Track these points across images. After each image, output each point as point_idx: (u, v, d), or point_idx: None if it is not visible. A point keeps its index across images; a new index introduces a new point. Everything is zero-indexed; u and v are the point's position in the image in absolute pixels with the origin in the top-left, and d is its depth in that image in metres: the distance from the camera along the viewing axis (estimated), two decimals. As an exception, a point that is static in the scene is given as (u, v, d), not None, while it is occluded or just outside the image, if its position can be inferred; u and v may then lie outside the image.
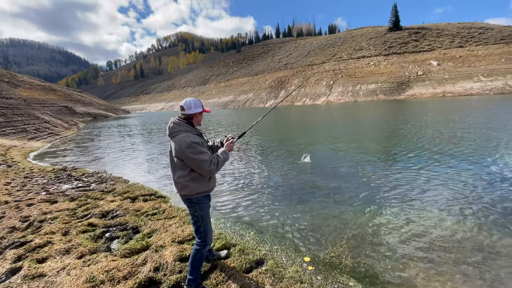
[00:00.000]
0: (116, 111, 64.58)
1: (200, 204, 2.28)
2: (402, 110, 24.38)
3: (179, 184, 2.20)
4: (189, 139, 2.08)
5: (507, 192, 4.44)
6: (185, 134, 2.14)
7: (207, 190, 2.30)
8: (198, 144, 2.10)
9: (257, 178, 6.15)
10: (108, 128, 25.93)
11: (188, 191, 2.21)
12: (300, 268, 2.70)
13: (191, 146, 2.06)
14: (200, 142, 2.16)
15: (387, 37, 72.40)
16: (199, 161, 2.07)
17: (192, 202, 2.27)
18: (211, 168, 2.10)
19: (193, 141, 2.08)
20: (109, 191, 5.61)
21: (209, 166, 2.09)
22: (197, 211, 2.29)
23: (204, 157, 2.08)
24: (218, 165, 2.16)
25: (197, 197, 2.25)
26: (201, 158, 2.07)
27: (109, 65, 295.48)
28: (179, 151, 2.09)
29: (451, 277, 2.54)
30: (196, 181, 2.20)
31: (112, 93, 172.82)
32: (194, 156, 2.06)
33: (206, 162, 2.08)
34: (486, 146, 7.70)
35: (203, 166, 2.08)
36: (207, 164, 2.09)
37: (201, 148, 2.11)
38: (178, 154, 2.11)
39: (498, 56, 49.93)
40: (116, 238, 3.50)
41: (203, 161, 2.07)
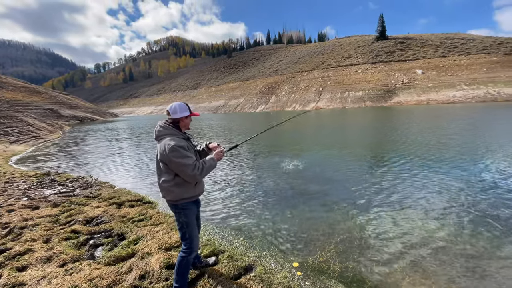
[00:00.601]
0: (103, 115, 63.16)
1: (185, 210, 2.24)
2: (389, 117, 25.04)
3: (164, 189, 2.17)
4: (173, 142, 2.05)
5: (489, 197, 4.60)
6: (170, 138, 2.12)
7: (192, 196, 2.25)
8: (182, 148, 2.06)
9: (247, 183, 6.14)
10: (95, 131, 25.30)
11: (172, 196, 2.17)
12: (289, 274, 2.69)
13: (175, 150, 2.02)
14: (186, 146, 2.14)
15: (374, 46, 74.57)
16: (182, 165, 2.03)
17: (177, 208, 2.23)
18: (194, 173, 2.06)
19: (177, 145, 2.04)
20: (94, 196, 5.46)
21: (192, 171, 2.05)
22: (182, 217, 2.25)
23: (187, 161, 2.04)
24: (202, 171, 2.11)
25: (182, 202, 2.21)
26: (184, 162, 2.03)
27: (97, 68, 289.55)
28: (163, 154, 2.06)
29: (436, 281, 2.59)
30: (180, 186, 2.16)
31: (100, 96, 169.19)
32: (177, 159, 2.02)
33: (189, 166, 2.04)
34: (471, 152, 7.99)
35: (185, 171, 2.04)
36: (190, 168, 2.04)
37: (186, 152, 2.08)
38: (162, 158, 2.09)
39: (480, 65, 52.31)
40: (100, 246, 3.40)
41: (186, 165, 2.03)
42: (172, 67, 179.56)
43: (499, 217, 3.83)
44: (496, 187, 5.04)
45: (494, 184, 5.23)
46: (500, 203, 4.34)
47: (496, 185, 5.14)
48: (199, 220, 2.58)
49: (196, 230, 2.37)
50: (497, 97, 41.25)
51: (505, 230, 3.47)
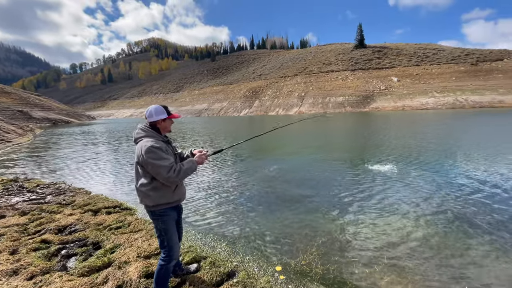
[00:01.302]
0: (79, 117, 60.31)
1: (163, 217, 2.16)
2: (369, 122, 26.00)
3: (141, 193, 2.10)
4: (149, 144, 1.99)
5: (462, 198, 4.89)
6: (147, 139, 2.06)
7: (171, 201, 2.18)
8: (159, 149, 2.00)
9: (230, 188, 6.09)
10: (70, 135, 24.07)
11: (149, 201, 2.10)
12: (272, 278, 2.69)
13: (151, 151, 1.96)
14: (164, 148, 2.07)
15: (353, 54, 77.47)
16: (157, 167, 1.96)
17: (155, 215, 2.16)
18: (169, 175, 1.98)
19: (153, 146, 1.99)
20: (68, 203, 5.17)
21: (168, 173, 1.97)
22: (160, 224, 2.17)
23: (163, 162, 1.98)
24: (179, 173, 2.03)
25: (159, 209, 2.13)
26: (159, 164, 1.96)
27: (73, 68, 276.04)
28: (139, 156, 2.00)
29: (411, 279, 2.70)
30: (158, 191, 2.08)
31: (75, 97, 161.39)
32: (152, 161, 1.95)
33: (165, 168, 1.97)
34: (446, 156, 8.46)
35: (161, 173, 1.97)
36: (165, 170, 1.97)
37: (162, 153, 2.01)
38: (138, 160, 2.03)
39: (449, 74, 55.93)
40: (73, 256, 3.21)
41: (162, 166, 1.96)
42: (154, 69, 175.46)
43: (470, 218, 4.08)
44: (469, 189, 5.36)
45: (467, 186, 5.56)
46: (471, 204, 4.61)
47: (469, 187, 5.47)
48: (180, 226, 2.51)
49: (176, 237, 2.28)
50: (465, 104, 44.24)
51: (476, 230, 3.69)
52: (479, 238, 3.46)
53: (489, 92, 45.93)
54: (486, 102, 43.17)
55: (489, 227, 3.75)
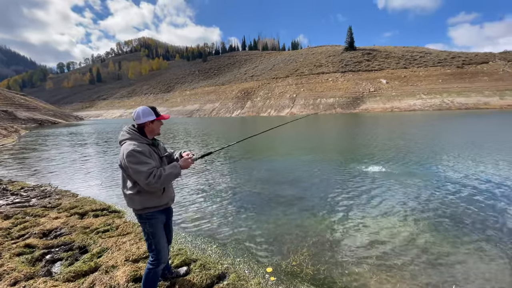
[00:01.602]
0: (67, 118, 58.82)
1: (150, 220, 2.11)
2: (359, 123, 26.41)
3: (126, 197, 2.06)
4: (131, 147, 1.93)
5: (449, 198, 5.02)
6: (130, 142, 2.00)
7: (157, 205, 2.12)
8: (141, 153, 1.93)
9: (221, 189, 6.06)
10: (57, 136, 23.43)
11: (135, 205, 2.05)
12: (263, 280, 2.68)
13: (131, 155, 1.90)
14: (148, 151, 2.00)
15: (343, 56, 78.62)
16: (136, 172, 1.90)
17: (142, 218, 2.11)
18: (149, 181, 1.89)
19: (135, 150, 1.92)
20: (53, 206, 5.02)
21: (146, 178, 1.89)
22: (147, 227, 2.12)
23: (142, 167, 1.89)
24: (160, 178, 1.93)
25: (146, 212, 2.08)
26: (138, 169, 1.89)
27: (61, 67, 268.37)
28: (121, 159, 1.96)
29: (400, 278, 2.74)
30: (143, 195, 2.03)
31: (63, 97, 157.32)
32: (132, 165, 1.89)
33: (143, 173, 1.89)
34: (435, 157, 8.67)
35: (140, 178, 1.91)
36: (144, 175, 1.89)
37: (144, 157, 1.93)
38: (121, 163, 1.98)
39: (436, 77, 57.51)
40: (58, 260, 3.11)
41: (140, 172, 1.89)
42: (144, 69, 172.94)
43: (457, 217, 4.19)
44: (456, 189, 5.51)
45: (454, 185, 5.72)
46: (458, 203, 4.74)
47: (456, 187, 5.62)
48: (170, 229, 2.47)
49: (164, 240, 2.24)
50: (451, 105, 45.56)
51: (463, 229, 3.79)
52: (466, 237, 3.55)
53: (475, 94, 47.49)
54: (472, 104, 44.61)
55: (476, 226, 3.86)
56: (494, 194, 5.12)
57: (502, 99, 44.38)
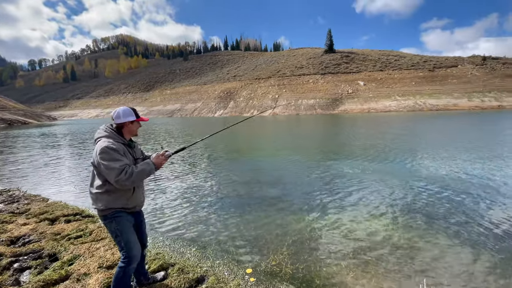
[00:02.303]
0: (38, 118, 55.39)
1: (116, 218, 2.04)
2: (339, 123, 27.15)
3: (93, 196, 1.99)
4: (105, 144, 1.89)
5: (424, 195, 5.28)
6: (105, 139, 1.96)
7: (124, 206, 2.07)
8: (114, 151, 1.89)
9: (201, 191, 5.97)
10: (27, 137, 21.97)
11: (101, 204, 1.97)
12: (242, 281, 2.67)
13: (105, 151, 1.86)
14: (121, 150, 1.97)
15: (323, 58, 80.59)
16: (108, 168, 1.85)
17: (107, 218, 2.03)
18: (119, 178, 1.85)
19: (109, 147, 1.88)
20: (22, 212, 4.72)
21: (117, 175, 1.84)
22: (114, 225, 2.04)
23: (114, 164, 1.86)
24: (131, 176, 1.89)
25: (111, 212, 2.01)
26: (110, 165, 1.85)
27: (32, 65, 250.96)
28: (94, 156, 1.91)
29: (375, 273, 2.85)
30: (111, 194, 1.97)
31: (34, 96, 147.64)
32: (104, 162, 1.85)
33: (115, 170, 1.84)
34: (411, 156, 9.09)
35: (110, 175, 1.86)
36: (115, 172, 1.84)
37: (117, 155, 1.90)
38: (93, 161, 1.93)
39: (410, 79, 60.54)
40: (27, 269, 2.93)
41: (112, 168, 1.84)
42: (122, 67, 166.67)
43: (432, 215, 4.42)
44: (430, 187, 5.81)
45: (430, 184, 6.03)
46: (433, 201, 5.01)
47: (431, 185, 5.94)
48: (143, 233, 2.40)
49: (134, 237, 2.15)
50: (423, 107, 48.13)
51: (436, 226, 4.01)
52: (437, 232, 3.75)
53: (445, 96, 50.53)
54: (442, 105, 47.41)
55: (446, 222, 4.10)
56: (464, 191, 5.47)
57: (470, 100, 47.61)
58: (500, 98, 46.69)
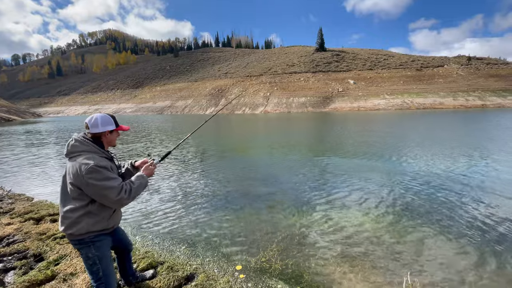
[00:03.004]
0: (22, 114, 53.46)
1: (96, 243, 1.80)
2: (330, 121, 27.45)
3: (67, 220, 1.72)
4: (92, 162, 1.68)
5: (414, 191, 5.42)
6: (88, 155, 1.73)
7: (104, 228, 1.84)
8: (105, 168, 1.71)
9: (191, 188, 5.94)
10: (10, 134, 21.19)
11: (77, 229, 1.71)
12: (232, 278, 2.69)
13: (95, 171, 1.65)
14: (109, 166, 1.79)
15: (314, 57, 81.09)
16: (104, 189, 1.67)
17: (83, 242, 1.78)
18: (121, 197, 1.71)
19: (97, 165, 1.68)
20: (5, 212, 4.60)
21: (118, 194, 1.70)
22: (92, 250, 1.79)
23: (112, 183, 1.70)
24: (131, 193, 1.77)
25: (90, 236, 1.77)
26: (107, 185, 1.67)
27: (16, 59, 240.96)
28: (77, 176, 1.66)
29: (362, 268, 2.92)
30: (92, 216, 1.75)
31: (18, 92, 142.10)
32: (97, 182, 1.65)
33: (115, 189, 1.69)
34: (399, 152, 9.30)
35: (109, 195, 1.68)
36: (115, 192, 1.69)
37: (109, 173, 1.73)
38: (75, 181, 1.68)
39: (398, 78, 61.76)
40: (12, 269, 2.87)
41: (111, 188, 1.68)
42: (110, 63, 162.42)
43: (417, 210, 4.55)
44: (416, 183, 5.97)
45: (416, 180, 6.20)
46: (419, 197, 5.15)
47: (417, 181, 6.10)
48: (124, 240, 2.27)
49: (112, 266, 1.94)
50: (410, 105, 49.24)
51: (422, 221, 4.14)
52: (422, 227, 3.87)
53: (431, 95, 51.84)
54: (429, 104, 48.64)
55: (431, 217, 4.23)
56: (448, 187, 5.65)
57: (455, 99, 49.03)
58: (483, 98, 48.32)
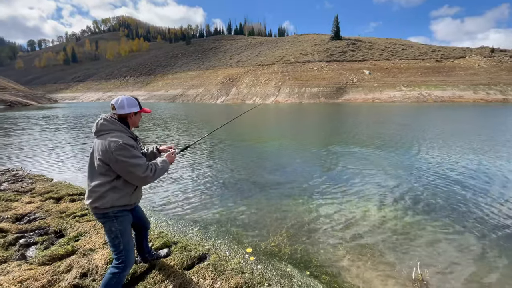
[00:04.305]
0: (39, 100, 55.24)
1: (119, 218, 1.91)
2: (344, 112, 26.95)
3: (94, 194, 1.82)
4: (121, 140, 1.78)
5: (424, 185, 5.34)
6: (117, 134, 1.84)
7: (127, 204, 1.95)
8: (132, 147, 1.83)
9: (204, 174, 6.06)
10: (28, 118, 22.03)
11: (102, 203, 1.82)
12: (242, 260, 2.78)
13: (124, 148, 1.76)
14: (135, 145, 1.90)
15: (329, 45, 78.77)
16: (132, 165, 1.78)
17: (107, 216, 1.88)
18: (146, 175, 1.83)
19: (127, 143, 1.79)
20: (26, 191, 4.82)
21: (144, 172, 1.82)
22: (115, 224, 1.90)
23: (139, 161, 1.82)
24: (155, 172, 1.90)
25: (113, 210, 1.88)
26: (135, 162, 1.79)
27: (31, 45, 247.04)
28: (106, 153, 1.76)
29: (371, 256, 2.94)
30: (116, 191, 1.86)
31: (34, 78, 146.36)
32: (126, 159, 1.76)
33: (141, 167, 1.81)
34: (413, 145, 9.09)
35: (136, 172, 1.80)
36: (141, 169, 1.81)
37: (136, 151, 1.85)
38: (104, 157, 1.77)
39: (416, 69, 59.38)
40: (33, 244, 3.04)
41: (138, 165, 1.80)
42: (123, 50, 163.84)
43: (427, 202, 4.49)
44: (427, 175, 5.86)
45: (427, 172, 6.07)
46: (429, 189, 5.07)
47: (428, 173, 5.98)
48: (143, 218, 2.40)
49: (132, 241, 2.05)
50: (428, 98, 47.49)
51: (431, 213, 4.09)
52: (436, 221, 3.82)
53: (450, 88, 49.71)
54: (447, 97, 46.75)
55: (447, 212, 4.17)
56: (465, 182, 5.51)
57: (475, 93, 46.87)
58: (505, 92, 45.92)
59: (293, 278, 2.51)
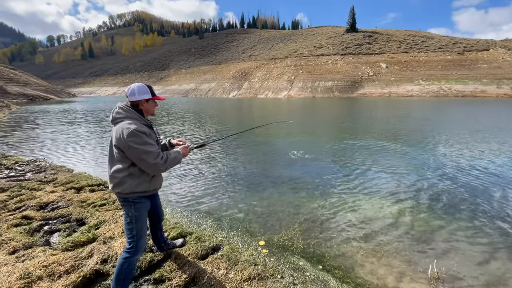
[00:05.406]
0: (59, 94, 57.41)
1: (136, 204, 2.00)
2: (359, 107, 26.34)
3: (114, 180, 1.91)
4: (133, 126, 1.83)
5: (442, 181, 5.17)
6: (129, 121, 1.89)
7: (146, 190, 2.02)
8: (144, 134, 1.86)
9: (218, 168, 6.14)
10: (49, 112, 22.99)
11: (123, 188, 1.91)
12: (255, 252, 2.81)
13: (135, 135, 1.80)
14: (148, 132, 1.92)
15: (344, 38, 76.68)
16: (143, 152, 1.82)
17: (127, 201, 1.98)
18: (157, 162, 1.87)
19: (138, 130, 1.83)
20: (49, 181, 5.06)
21: (155, 159, 1.86)
22: (132, 210, 1.99)
23: (150, 148, 1.85)
24: (167, 161, 1.94)
25: (133, 196, 1.97)
26: (145, 149, 1.82)
27: (51, 41, 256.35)
28: (119, 139, 1.82)
29: (385, 253, 2.90)
30: (135, 178, 1.93)
31: (54, 73, 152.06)
32: (137, 146, 1.80)
33: (152, 154, 1.85)
34: (430, 141, 8.80)
35: (147, 159, 1.84)
36: (152, 156, 1.85)
37: (147, 138, 1.88)
38: (118, 143, 1.84)
39: (436, 63, 56.83)
40: (56, 231, 3.21)
41: (148, 152, 1.83)
42: (138, 45, 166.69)
43: (443, 199, 4.35)
44: (444, 172, 5.66)
45: (444, 169, 5.87)
46: (445, 186, 4.90)
47: (445, 171, 5.78)
48: (159, 209, 2.47)
49: (145, 228, 2.13)
50: (448, 92, 45.50)
51: (447, 210, 3.96)
52: (456, 221, 3.70)
53: (473, 82, 47.31)
54: (469, 92, 44.58)
55: (468, 211, 4.02)
56: (489, 181, 5.29)
57: (499, 87, 44.39)
58: (533, 86, 43.21)
59: (305, 272, 2.52)
